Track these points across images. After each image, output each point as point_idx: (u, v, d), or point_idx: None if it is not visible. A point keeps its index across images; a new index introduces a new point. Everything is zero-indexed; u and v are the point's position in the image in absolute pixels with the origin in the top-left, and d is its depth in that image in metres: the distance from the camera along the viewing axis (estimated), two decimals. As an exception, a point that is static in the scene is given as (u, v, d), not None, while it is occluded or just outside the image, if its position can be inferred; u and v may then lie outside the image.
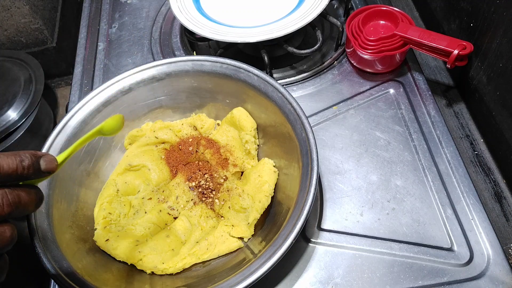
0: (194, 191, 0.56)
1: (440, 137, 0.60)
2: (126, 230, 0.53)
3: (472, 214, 0.54)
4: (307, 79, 0.69)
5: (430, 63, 0.73)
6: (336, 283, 0.50)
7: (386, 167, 0.59)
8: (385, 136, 0.62)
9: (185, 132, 0.61)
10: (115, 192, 0.56)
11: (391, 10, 0.65)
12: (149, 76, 0.59)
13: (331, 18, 0.68)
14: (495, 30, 0.55)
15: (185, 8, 0.69)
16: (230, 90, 0.59)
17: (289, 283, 0.51)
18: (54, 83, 1.57)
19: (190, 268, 0.51)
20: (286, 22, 0.65)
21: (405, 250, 0.52)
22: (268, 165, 0.55)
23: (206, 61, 0.58)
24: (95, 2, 0.88)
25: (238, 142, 0.59)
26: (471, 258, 0.51)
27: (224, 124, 0.61)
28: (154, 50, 0.77)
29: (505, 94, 0.55)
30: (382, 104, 0.65)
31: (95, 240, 0.52)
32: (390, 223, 0.54)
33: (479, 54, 0.60)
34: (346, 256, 0.52)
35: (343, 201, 0.56)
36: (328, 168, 0.59)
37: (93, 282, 0.45)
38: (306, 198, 0.45)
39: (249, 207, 0.52)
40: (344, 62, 0.71)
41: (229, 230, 0.52)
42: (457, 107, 0.68)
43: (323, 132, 0.63)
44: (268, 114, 0.57)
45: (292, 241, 0.43)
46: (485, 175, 0.61)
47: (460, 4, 0.64)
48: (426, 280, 0.49)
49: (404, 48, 0.63)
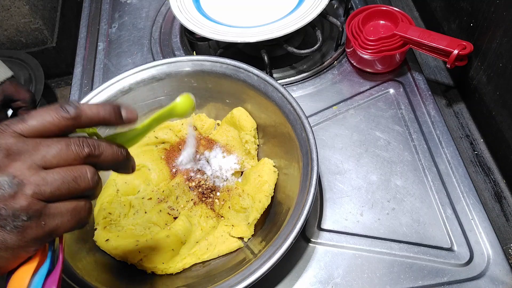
0: (194, 191, 0.56)
1: (440, 137, 0.60)
2: (126, 230, 0.53)
3: (472, 214, 0.54)
4: (307, 79, 0.69)
5: (430, 63, 0.73)
6: (336, 283, 0.50)
7: (386, 167, 0.59)
8: (385, 136, 0.62)
9: (185, 132, 0.61)
10: (115, 192, 0.56)
11: (391, 10, 0.65)
12: (149, 76, 0.59)
13: (331, 18, 0.68)
14: (495, 30, 0.55)
15: (185, 8, 0.69)
16: (230, 90, 0.59)
17: (289, 283, 0.51)
18: (54, 83, 1.57)
19: (190, 268, 0.51)
20: (286, 22, 0.65)
21: (405, 250, 0.52)
22: (268, 165, 0.55)
23: (206, 61, 0.58)
24: (95, 2, 0.88)
25: (238, 142, 0.59)
26: (471, 258, 0.51)
27: (224, 124, 0.61)
28: (154, 50, 0.77)
29: (505, 94, 0.55)
30: (382, 104, 0.65)
31: (95, 240, 0.52)
32: (390, 223, 0.54)
33: (479, 54, 0.60)
34: (346, 256, 0.52)
35: (343, 201, 0.56)
36: (328, 168, 0.59)
37: (93, 282, 0.45)
38: (306, 198, 0.45)
39: (249, 207, 0.52)
40: (344, 62, 0.71)
41: (229, 230, 0.52)
42: (457, 107, 0.68)
43: (323, 132, 0.63)
44: (268, 114, 0.57)
45: (292, 241, 0.43)
46: (485, 175, 0.61)
47: (460, 4, 0.64)
48: (426, 280, 0.49)
49: (404, 48, 0.63)
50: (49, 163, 0.29)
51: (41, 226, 0.29)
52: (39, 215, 0.28)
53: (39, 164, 0.29)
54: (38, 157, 0.29)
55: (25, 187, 0.28)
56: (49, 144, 0.29)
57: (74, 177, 0.30)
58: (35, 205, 0.28)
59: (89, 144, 0.31)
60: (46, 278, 0.30)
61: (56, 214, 0.29)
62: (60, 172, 0.29)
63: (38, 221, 0.28)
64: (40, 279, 0.30)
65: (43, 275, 0.30)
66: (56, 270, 0.31)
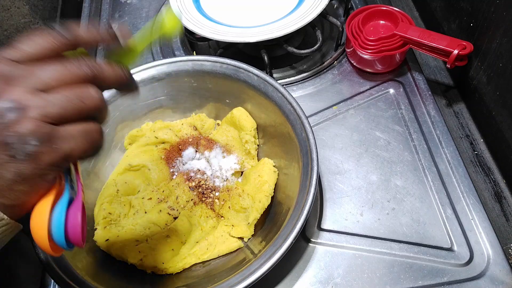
0: (194, 191, 0.56)
1: (440, 137, 0.60)
2: (126, 230, 0.52)
3: (472, 214, 0.54)
4: (307, 79, 0.69)
5: (430, 63, 0.73)
6: (336, 283, 0.50)
7: (386, 167, 0.59)
8: (385, 136, 0.62)
9: (185, 132, 0.61)
10: (115, 192, 0.56)
11: (391, 10, 0.65)
12: (149, 76, 0.59)
13: (331, 18, 0.68)
14: (495, 30, 0.55)
15: (185, 8, 0.69)
16: (230, 90, 0.59)
17: (289, 283, 0.51)
18: (54, 83, 1.57)
19: (190, 268, 0.51)
20: (286, 22, 0.65)
21: (405, 250, 0.52)
22: (268, 165, 0.55)
23: (206, 61, 0.58)
24: (95, 2, 0.88)
25: (238, 142, 0.59)
26: (471, 258, 0.51)
27: (224, 124, 0.61)
28: (154, 50, 0.77)
29: (505, 94, 0.55)
30: (382, 104, 0.65)
31: (95, 240, 0.52)
32: (390, 223, 0.54)
33: (479, 54, 0.60)
34: (346, 256, 0.52)
35: (343, 201, 0.56)
36: (328, 168, 0.59)
37: (93, 282, 0.45)
38: (306, 198, 0.46)
39: (249, 207, 0.52)
40: (344, 62, 0.71)
41: (229, 230, 0.52)
42: (457, 107, 0.68)
43: (323, 132, 0.63)
44: (268, 114, 0.57)
45: (292, 241, 0.43)
46: (485, 175, 0.61)
47: (460, 4, 0.64)
48: (426, 280, 0.49)
49: (404, 48, 0.63)
50: (49, 86, 0.27)
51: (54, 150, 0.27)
52: (50, 138, 0.27)
53: (38, 88, 0.27)
54: (36, 80, 0.27)
55: (28, 110, 0.26)
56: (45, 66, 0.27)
57: (78, 96, 0.28)
58: (43, 128, 0.26)
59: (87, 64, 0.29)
60: (68, 207, 0.29)
61: (68, 137, 0.28)
62: (63, 92, 0.27)
63: (50, 145, 0.27)
64: (62, 208, 0.29)
65: (65, 205, 0.29)
66: (78, 199, 0.30)
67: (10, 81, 0.26)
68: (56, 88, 0.27)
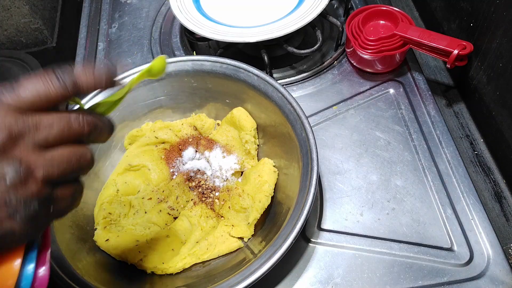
0: (194, 191, 0.56)
1: (440, 137, 0.60)
2: (126, 230, 0.53)
3: (472, 214, 0.54)
4: (307, 79, 0.69)
5: (430, 63, 0.73)
6: (336, 283, 0.50)
7: (386, 167, 0.59)
8: (385, 136, 0.62)
9: (185, 132, 0.61)
10: (115, 192, 0.56)
11: (391, 10, 0.65)
12: (149, 76, 0.59)
13: (331, 18, 0.68)
14: (495, 30, 0.55)
15: (185, 8, 0.69)
16: (230, 90, 0.59)
17: (289, 283, 0.51)
18: (54, 83, 1.57)
19: (190, 268, 0.51)
20: (286, 22, 0.65)
21: (405, 250, 0.52)
22: (268, 165, 0.55)
23: (206, 61, 0.58)
24: (95, 2, 0.88)
25: (238, 142, 0.59)
26: (471, 258, 0.50)
27: (224, 124, 0.61)
28: (154, 50, 0.77)
29: (505, 94, 0.55)
30: (382, 104, 0.65)
31: (95, 240, 0.52)
32: (390, 223, 0.54)
33: (479, 54, 0.60)
34: (346, 256, 0.52)
35: (343, 201, 0.56)
36: (328, 168, 0.59)
37: (93, 282, 0.45)
38: (306, 198, 0.45)
39: (249, 207, 0.52)
40: (344, 62, 0.71)
41: (229, 230, 0.52)
42: (457, 107, 0.68)
43: (323, 132, 0.63)
44: (268, 114, 0.57)
45: (292, 241, 0.43)
46: (485, 175, 0.61)
47: (460, 4, 0.64)
48: (426, 280, 0.49)
49: (404, 48, 0.63)
50: (51, 144, 0.27)
51: (49, 212, 0.27)
52: (48, 200, 0.27)
53: (42, 145, 0.27)
54: (41, 138, 0.27)
55: (34, 171, 0.26)
56: (51, 122, 0.27)
57: (77, 157, 0.28)
58: (45, 190, 0.27)
59: (89, 123, 0.29)
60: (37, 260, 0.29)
61: (61, 198, 0.28)
62: (62, 151, 0.28)
63: (47, 207, 0.27)
64: (31, 266, 0.28)
65: (33, 259, 0.29)
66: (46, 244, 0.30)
67: (15, 137, 0.26)
68: (57, 147, 0.28)
